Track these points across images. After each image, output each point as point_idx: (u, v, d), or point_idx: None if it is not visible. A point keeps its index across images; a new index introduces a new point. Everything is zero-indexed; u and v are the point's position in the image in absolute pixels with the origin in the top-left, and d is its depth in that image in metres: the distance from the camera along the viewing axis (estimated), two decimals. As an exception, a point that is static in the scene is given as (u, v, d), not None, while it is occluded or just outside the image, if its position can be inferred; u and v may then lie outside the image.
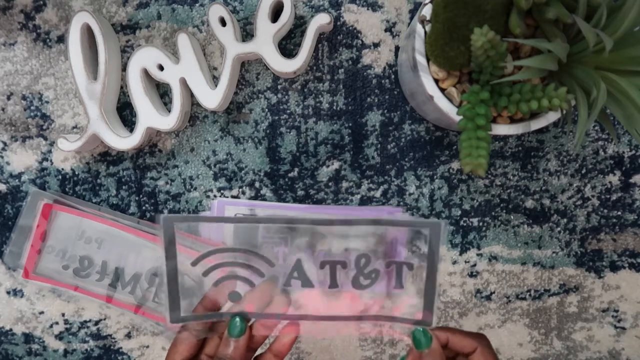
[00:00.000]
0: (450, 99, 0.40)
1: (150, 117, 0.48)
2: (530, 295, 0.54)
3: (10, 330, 0.54)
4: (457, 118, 0.38)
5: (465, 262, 0.53)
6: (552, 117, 0.39)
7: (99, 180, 0.52)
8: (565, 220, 0.52)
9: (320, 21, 0.46)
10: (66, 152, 0.51)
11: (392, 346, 0.54)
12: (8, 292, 0.54)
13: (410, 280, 0.35)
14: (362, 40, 0.50)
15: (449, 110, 0.39)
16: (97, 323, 0.54)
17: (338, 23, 0.49)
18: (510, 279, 0.53)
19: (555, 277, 0.53)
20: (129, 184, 0.52)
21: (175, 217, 0.34)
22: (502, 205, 0.52)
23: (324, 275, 0.36)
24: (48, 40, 0.50)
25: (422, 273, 0.35)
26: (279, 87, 0.50)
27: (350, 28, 0.49)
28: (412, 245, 0.52)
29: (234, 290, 0.36)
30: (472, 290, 0.53)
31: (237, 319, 0.35)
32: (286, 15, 0.46)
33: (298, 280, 0.35)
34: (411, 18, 0.49)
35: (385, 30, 0.49)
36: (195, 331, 0.36)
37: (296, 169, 0.51)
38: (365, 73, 0.50)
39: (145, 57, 0.47)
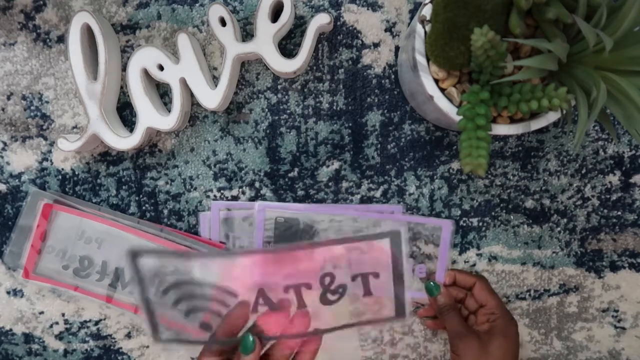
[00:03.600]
0: (450, 99, 0.40)
1: (150, 117, 0.48)
2: (530, 295, 0.54)
3: (10, 330, 0.54)
4: (457, 118, 0.38)
5: (465, 262, 0.53)
6: (552, 117, 0.39)
7: (99, 180, 0.52)
8: (565, 220, 0.52)
9: (320, 21, 0.46)
10: (66, 152, 0.51)
11: (392, 346, 0.54)
12: (8, 292, 0.54)
13: (381, 286, 0.37)
14: (362, 40, 0.50)
15: (449, 110, 0.39)
16: (97, 323, 0.54)
17: (338, 23, 0.49)
18: (510, 279, 0.53)
19: (555, 277, 0.53)
20: (129, 184, 0.52)
21: (138, 251, 0.35)
22: (502, 205, 0.52)
23: (289, 297, 0.37)
24: (48, 40, 0.50)
25: (391, 279, 0.36)
26: (279, 87, 0.50)
27: (350, 28, 0.49)
28: (413, 245, 0.53)
29: (205, 321, 0.37)
30: (472, 290, 0.53)
31: (249, 337, 0.36)
32: (286, 15, 0.46)
33: (265, 306, 0.37)
34: (411, 18, 0.49)
35: (385, 30, 0.49)
36: (218, 353, 0.37)
37: (296, 169, 0.51)
38: (365, 73, 0.50)
39: (145, 57, 0.47)
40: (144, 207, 0.52)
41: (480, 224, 0.52)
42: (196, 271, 0.37)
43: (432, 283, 0.50)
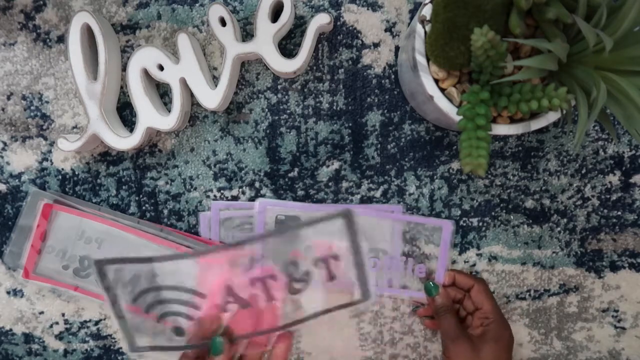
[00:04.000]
0: (450, 99, 0.40)
1: (150, 117, 0.48)
2: (530, 295, 0.54)
3: (10, 330, 0.54)
4: (457, 118, 0.38)
5: (465, 262, 0.53)
6: (552, 117, 0.39)
7: (99, 180, 0.52)
8: (565, 220, 0.52)
9: (320, 21, 0.46)
10: (66, 152, 0.51)
11: (392, 346, 0.54)
12: (8, 292, 0.54)
13: (342, 269, 0.38)
14: (362, 40, 0.50)
15: (449, 110, 0.39)
16: (97, 323, 0.54)
17: (338, 23, 0.49)
18: (510, 279, 0.53)
19: (555, 277, 0.53)
20: (129, 184, 0.52)
21: (104, 261, 0.36)
22: (502, 205, 0.52)
23: (257, 291, 0.37)
24: (48, 40, 0.50)
25: (351, 260, 0.37)
26: (279, 87, 0.50)
27: (350, 28, 0.49)
28: (412, 244, 0.53)
29: (177, 326, 0.38)
30: (472, 290, 0.53)
31: (217, 339, 0.37)
32: (286, 15, 0.46)
33: (234, 304, 0.37)
34: (411, 18, 0.49)
35: (385, 30, 0.49)
36: (194, 357, 0.38)
37: (296, 169, 0.51)
38: (365, 73, 0.50)
39: (145, 57, 0.47)
40: (144, 207, 0.52)
41: (480, 224, 0.52)
42: (162, 275, 0.37)
43: (431, 283, 0.50)
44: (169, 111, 0.48)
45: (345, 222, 0.36)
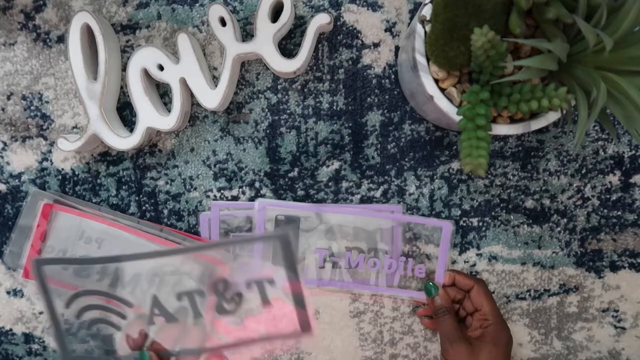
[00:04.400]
0: (450, 99, 0.40)
1: (150, 117, 0.48)
2: (530, 295, 0.54)
3: (10, 330, 0.54)
4: (457, 118, 0.38)
5: (465, 262, 0.53)
6: (552, 117, 0.39)
7: (99, 180, 0.52)
8: (565, 220, 0.52)
9: (320, 21, 0.46)
10: (66, 152, 0.51)
11: (393, 346, 0.54)
12: (8, 292, 0.54)
13: (279, 294, 0.35)
14: (362, 40, 0.50)
15: (449, 110, 0.39)
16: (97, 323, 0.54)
17: (338, 23, 0.49)
18: (510, 279, 0.53)
19: (555, 277, 0.53)
20: (129, 184, 0.52)
21: (43, 260, 0.35)
22: (502, 205, 0.52)
23: (184, 306, 0.35)
24: (48, 40, 0.50)
25: (288, 286, 0.34)
26: (279, 87, 0.50)
27: (350, 28, 0.49)
28: (412, 244, 0.53)
29: (106, 334, 0.37)
30: (472, 290, 0.53)
31: (145, 354, 0.36)
32: (286, 15, 0.46)
33: (160, 317, 0.35)
34: (411, 18, 0.49)
35: (385, 30, 0.49)
36: None
37: (296, 169, 0.51)
38: (365, 73, 0.50)
39: (145, 57, 0.47)
40: (144, 207, 0.52)
41: (480, 224, 0.52)
42: (95, 278, 0.36)
43: (430, 283, 0.50)
44: (169, 111, 0.48)
45: (282, 245, 0.34)
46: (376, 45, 0.50)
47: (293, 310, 0.35)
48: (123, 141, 0.48)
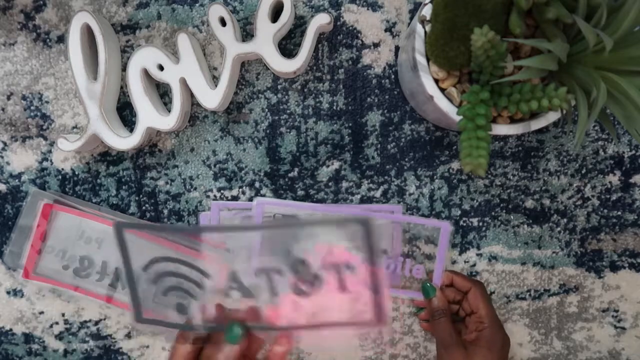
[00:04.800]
0: (450, 99, 0.40)
1: (150, 117, 0.48)
2: (530, 295, 0.54)
3: (10, 330, 0.54)
4: (457, 118, 0.38)
5: (465, 262, 0.53)
6: (552, 117, 0.39)
7: (99, 180, 0.52)
8: (565, 220, 0.52)
9: (320, 21, 0.46)
10: (66, 152, 0.51)
11: (392, 346, 0.54)
12: (8, 292, 0.54)
13: (356, 283, 0.34)
14: (362, 40, 0.50)
15: (449, 110, 0.39)
16: (97, 323, 0.54)
17: (338, 23, 0.49)
18: (510, 279, 0.53)
19: (555, 277, 0.53)
20: (129, 184, 0.52)
21: (125, 224, 0.35)
22: (502, 205, 0.52)
23: (261, 283, 0.35)
24: (48, 40, 0.50)
25: (366, 273, 0.33)
26: (279, 87, 0.50)
27: (350, 28, 0.49)
28: (412, 245, 0.53)
29: (180, 302, 0.36)
30: (472, 290, 0.53)
31: (236, 326, 0.35)
32: (286, 15, 0.46)
33: (237, 291, 0.35)
34: (411, 18, 0.49)
35: (385, 30, 0.49)
36: (193, 340, 0.36)
37: (296, 169, 0.51)
38: (365, 73, 0.50)
39: (145, 57, 0.47)
40: (144, 207, 0.52)
41: (480, 224, 0.52)
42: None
43: (428, 284, 0.50)
44: (169, 111, 0.48)
45: (364, 231, 0.32)
46: (376, 45, 0.50)
47: (370, 298, 0.33)
48: (123, 141, 0.48)
